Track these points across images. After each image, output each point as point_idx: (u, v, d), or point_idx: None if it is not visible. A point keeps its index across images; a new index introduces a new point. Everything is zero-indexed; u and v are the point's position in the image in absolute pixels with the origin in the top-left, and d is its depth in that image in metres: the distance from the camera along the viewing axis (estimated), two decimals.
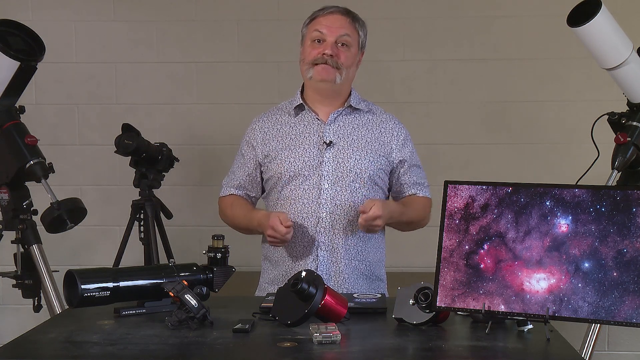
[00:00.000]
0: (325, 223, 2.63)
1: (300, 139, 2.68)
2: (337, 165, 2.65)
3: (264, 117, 2.79)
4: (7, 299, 4.12)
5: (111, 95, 4.14)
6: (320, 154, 2.65)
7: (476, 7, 4.02)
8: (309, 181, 2.64)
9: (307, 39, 2.70)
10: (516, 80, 4.02)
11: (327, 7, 2.71)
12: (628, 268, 1.91)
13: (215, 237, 2.37)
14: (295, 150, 2.67)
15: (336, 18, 2.68)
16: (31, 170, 3.10)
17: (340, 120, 2.71)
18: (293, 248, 2.65)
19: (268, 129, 2.74)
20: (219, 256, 2.34)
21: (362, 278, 2.68)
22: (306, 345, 1.92)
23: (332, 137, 2.67)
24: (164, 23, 4.11)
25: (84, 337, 2.01)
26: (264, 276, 2.78)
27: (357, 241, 2.66)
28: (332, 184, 2.64)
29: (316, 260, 2.63)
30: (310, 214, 2.63)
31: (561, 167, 3.94)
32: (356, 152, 2.66)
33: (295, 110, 2.73)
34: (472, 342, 2.00)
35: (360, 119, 2.73)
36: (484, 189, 2.07)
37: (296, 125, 2.71)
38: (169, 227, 3.67)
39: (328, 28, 2.66)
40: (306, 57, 2.69)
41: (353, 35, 2.69)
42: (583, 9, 2.82)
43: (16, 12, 3.79)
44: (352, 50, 2.69)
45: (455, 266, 2.06)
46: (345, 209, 2.63)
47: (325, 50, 2.64)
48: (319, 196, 2.63)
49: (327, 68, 2.64)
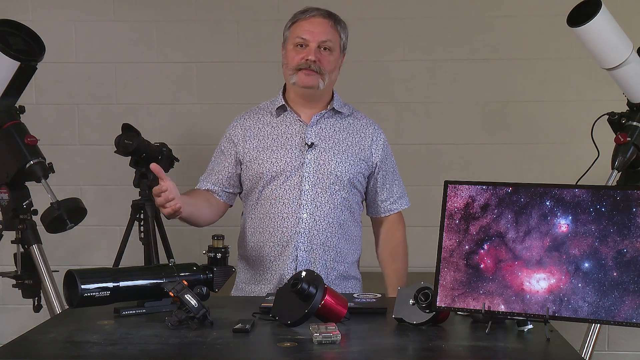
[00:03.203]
0: (305, 224, 2.64)
1: (282, 139, 2.69)
2: (318, 167, 2.66)
3: (245, 115, 2.79)
4: (7, 299, 4.12)
5: (111, 95, 4.14)
6: (302, 155, 2.66)
7: (476, 7, 4.02)
8: (289, 182, 2.65)
9: (289, 42, 2.71)
10: (516, 80, 4.02)
11: (309, 10, 2.71)
12: (628, 268, 1.91)
13: (215, 237, 2.37)
14: (277, 151, 2.67)
15: (318, 22, 2.68)
16: (31, 170, 3.10)
17: (322, 122, 2.72)
18: (272, 248, 2.66)
19: (249, 127, 2.74)
20: (219, 256, 2.35)
21: (340, 278, 2.71)
22: (306, 345, 1.92)
23: (314, 139, 2.68)
24: (164, 23, 4.11)
25: (84, 337, 2.01)
26: (240, 276, 2.78)
27: (335, 242, 2.68)
28: (312, 185, 2.65)
29: (295, 261, 2.64)
30: (291, 214, 2.64)
31: (561, 167, 3.94)
32: (337, 155, 2.68)
33: (277, 110, 2.73)
34: (472, 342, 2.00)
35: (341, 122, 2.74)
36: (484, 189, 2.07)
37: (278, 126, 2.72)
38: (169, 227, 3.67)
39: (310, 33, 2.66)
40: (289, 61, 2.69)
41: (335, 39, 2.69)
42: (583, 9, 2.82)
43: (16, 12, 3.79)
44: (335, 54, 2.70)
45: (455, 266, 2.06)
46: (325, 211, 2.65)
47: (309, 56, 2.64)
48: (300, 197, 2.64)
49: (310, 75, 2.64)
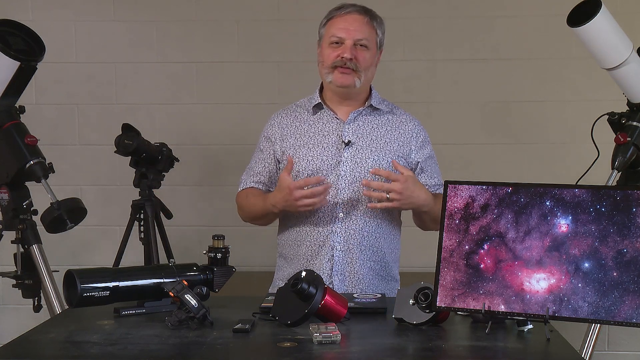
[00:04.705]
0: (341, 223, 2.61)
1: (319, 137, 2.66)
2: (354, 165, 2.62)
3: (282, 113, 2.76)
4: (7, 299, 4.13)
5: (111, 95, 4.14)
6: (339, 154, 2.63)
7: (476, 7, 4.02)
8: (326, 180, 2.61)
9: (324, 40, 2.66)
10: (516, 80, 4.02)
11: (345, 6, 2.66)
12: (628, 268, 1.91)
13: (215, 237, 2.37)
14: (314, 148, 2.64)
15: (354, 18, 2.63)
16: (31, 170, 3.09)
17: (359, 119, 2.68)
18: (308, 247, 2.63)
19: (286, 125, 2.71)
20: (219, 256, 2.34)
21: (378, 278, 2.66)
22: (306, 345, 1.92)
23: (351, 137, 2.64)
24: (164, 23, 4.11)
25: (84, 337, 2.01)
26: (278, 273, 2.76)
27: (373, 242, 2.63)
28: (349, 183, 2.61)
29: (331, 260, 2.61)
30: (327, 213, 2.61)
31: (561, 167, 3.94)
32: (374, 153, 2.64)
33: (313, 109, 2.70)
34: (472, 342, 2.00)
35: (380, 119, 2.70)
36: (484, 189, 2.07)
37: (315, 124, 2.68)
38: (169, 227, 3.67)
39: (346, 31, 2.61)
40: (325, 59, 2.64)
41: (371, 36, 2.65)
42: (583, 9, 2.82)
43: (16, 12, 3.79)
44: (371, 51, 2.65)
45: (455, 266, 2.06)
46: (362, 210, 2.61)
47: (344, 53, 2.59)
48: (336, 196, 2.60)
49: (346, 73, 2.60)
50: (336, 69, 2.61)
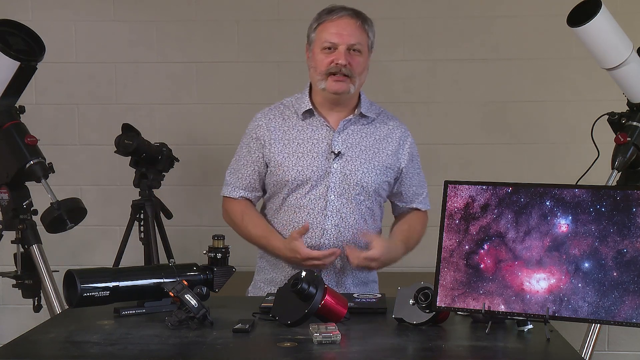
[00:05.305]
0: (330, 235, 2.60)
1: (308, 145, 2.63)
2: (344, 177, 2.61)
3: (269, 114, 2.70)
4: (7, 299, 4.12)
5: (111, 95, 4.14)
6: (328, 164, 2.61)
7: (476, 7, 4.02)
8: (315, 191, 2.60)
9: (316, 45, 2.62)
10: (516, 80, 4.02)
11: (335, 10, 2.61)
12: (628, 268, 1.91)
13: (215, 237, 2.37)
14: (303, 158, 2.61)
15: (347, 23, 2.59)
16: (31, 170, 3.09)
17: (349, 128, 2.66)
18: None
19: (274, 128, 2.66)
20: (219, 256, 2.34)
21: (361, 285, 2.69)
22: (306, 345, 1.92)
23: (341, 147, 2.62)
24: (164, 23, 4.10)
25: (84, 337, 2.01)
26: (260, 275, 2.75)
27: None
28: (338, 195, 2.60)
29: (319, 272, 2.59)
30: (316, 225, 2.60)
31: (561, 167, 3.94)
32: (363, 165, 2.62)
33: (303, 114, 2.66)
34: (472, 342, 2.00)
35: (368, 128, 2.68)
36: (484, 189, 2.07)
37: (304, 130, 2.65)
38: (169, 227, 3.67)
39: (339, 36, 2.57)
40: (318, 65, 2.60)
41: (363, 40, 2.61)
42: (583, 9, 2.82)
43: (16, 12, 3.79)
44: (364, 55, 2.62)
45: (455, 266, 2.06)
46: (350, 222, 2.61)
47: (339, 59, 2.56)
48: (325, 207, 2.60)
49: (341, 80, 2.57)
50: (330, 76, 2.58)
